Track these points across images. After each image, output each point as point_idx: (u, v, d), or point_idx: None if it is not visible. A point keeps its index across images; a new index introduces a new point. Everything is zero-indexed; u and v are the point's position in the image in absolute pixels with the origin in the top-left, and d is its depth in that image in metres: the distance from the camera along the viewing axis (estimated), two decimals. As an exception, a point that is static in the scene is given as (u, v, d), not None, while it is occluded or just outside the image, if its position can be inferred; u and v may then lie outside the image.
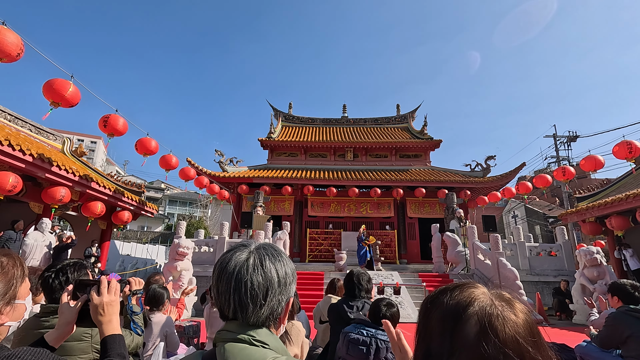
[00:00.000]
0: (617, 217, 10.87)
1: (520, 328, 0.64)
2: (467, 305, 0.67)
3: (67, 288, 1.33)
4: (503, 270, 10.48)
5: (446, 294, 0.73)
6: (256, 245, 0.91)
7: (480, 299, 0.68)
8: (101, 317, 1.20)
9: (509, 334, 0.62)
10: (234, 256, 0.87)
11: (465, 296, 0.69)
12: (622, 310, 3.12)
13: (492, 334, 0.62)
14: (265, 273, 0.85)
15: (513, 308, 0.68)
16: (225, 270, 0.85)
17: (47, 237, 8.54)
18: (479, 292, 0.71)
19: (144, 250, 23.47)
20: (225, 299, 0.83)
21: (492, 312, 0.65)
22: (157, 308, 3.01)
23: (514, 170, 18.66)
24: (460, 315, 0.66)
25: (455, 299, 0.69)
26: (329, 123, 26.48)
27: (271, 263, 0.87)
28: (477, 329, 0.63)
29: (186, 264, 9.72)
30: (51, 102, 7.08)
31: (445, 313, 0.68)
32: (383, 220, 19.64)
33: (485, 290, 0.72)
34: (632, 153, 9.36)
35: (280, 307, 0.87)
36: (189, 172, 13.37)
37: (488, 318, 0.64)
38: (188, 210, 51.13)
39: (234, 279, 0.83)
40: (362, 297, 3.06)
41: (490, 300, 0.68)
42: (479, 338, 0.62)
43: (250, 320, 0.83)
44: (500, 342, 0.61)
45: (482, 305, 0.67)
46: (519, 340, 0.62)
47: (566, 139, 23.17)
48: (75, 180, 9.34)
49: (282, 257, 0.91)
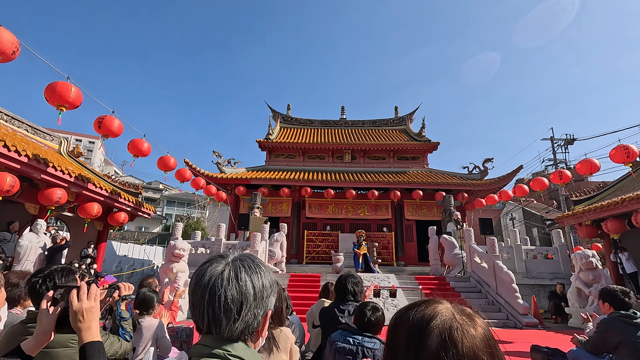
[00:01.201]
0: (613, 221, 10.88)
1: (478, 340, 0.68)
2: (430, 319, 0.71)
3: (47, 294, 1.33)
4: (499, 274, 10.48)
5: (413, 309, 0.77)
6: (233, 257, 0.89)
7: (443, 313, 0.73)
8: (80, 323, 1.18)
9: (467, 346, 0.67)
10: (209, 268, 0.85)
11: (430, 311, 0.74)
12: (613, 316, 3.13)
13: (452, 345, 0.67)
14: (240, 286, 0.83)
15: (473, 322, 0.72)
16: (200, 282, 0.83)
17: (41, 238, 8.50)
18: (443, 307, 0.75)
19: (141, 251, 23.40)
20: (200, 313, 0.82)
21: (452, 325, 0.70)
22: (147, 312, 3.00)
23: (511, 173, 18.70)
24: (424, 328, 0.71)
25: (420, 314, 0.74)
26: (327, 125, 26.50)
27: (247, 275, 0.85)
28: (439, 341, 0.68)
29: (182, 265, 9.67)
30: (57, 105, 7.09)
31: (411, 326, 0.73)
32: (380, 222, 19.64)
33: (448, 306, 0.76)
34: (630, 157, 9.39)
35: (256, 321, 0.86)
36: (185, 173, 13.37)
37: (449, 331, 0.68)
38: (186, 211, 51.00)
39: (208, 292, 0.81)
40: (352, 301, 3.05)
41: (452, 314, 0.73)
42: (439, 349, 0.67)
43: (225, 335, 0.82)
44: (459, 353, 0.66)
45: (444, 319, 0.71)
46: (476, 351, 0.67)
47: (564, 142, 23.27)
48: (71, 181, 9.31)
49: (260, 268, 0.89)
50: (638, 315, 3.11)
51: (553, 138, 22.71)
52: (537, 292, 11.85)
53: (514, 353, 6.06)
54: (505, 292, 10.18)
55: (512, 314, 9.69)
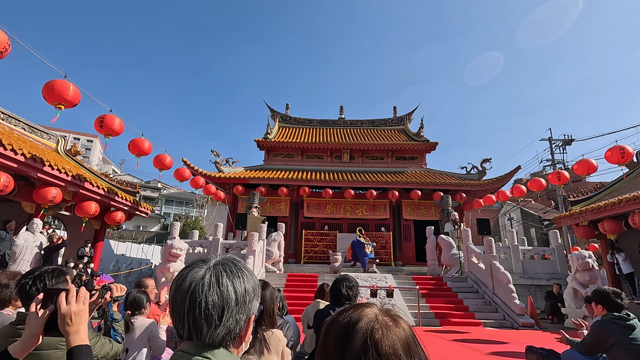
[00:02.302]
0: (609, 221, 10.91)
1: (397, 341, 0.71)
2: (356, 322, 0.75)
3: (37, 297, 1.32)
4: (496, 274, 10.50)
5: (342, 314, 0.80)
6: (215, 261, 0.88)
7: (369, 316, 0.76)
8: (68, 327, 1.17)
9: (387, 345, 0.70)
10: (190, 273, 0.84)
11: (357, 314, 0.77)
12: (606, 318, 3.14)
13: (372, 345, 0.70)
14: (222, 291, 0.82)
15: (396, 323, 0.75)
16: (180, 288, 0.82)
17: (37, 237, 8.47)
18: (369, 310, 0.78)
19: (139, 250, 23.39)
20: (180, 319, 0.81)
21: (374, 327, 0.73)
22: (139, 312, 2.99)
23: (509, 174, 18.73)
24: (349, 331, 0.74)
25: (348, 317, 0.77)
26: (325, 124, 26.50)
27: (229, 280, 0.84)
28: (361, 343, 0.71)
29: (179, 265, 9.66)
30: (55, 104, 7.04)
31: (339, 330, 0.76)
32: (379, 222, 19.65)
33: (375, 310, 0.79)
34: (625, 158, 9.42)
35: (238, 327, 0.84)
36: (184, 172, 13.33)
37: (370, 332, 0.72)
38: (184, 210, 50.98)
39: (189, 297, 0.80)
40: (346, 305, 3.05)
41: (375, 316, 0.76)
42: (360, 350, 0.70)
43: (206, 341, 0.80)
44: (379, 353, 0.69)
45: (368, 321, 0.74)
46: (395, 351, 0.70)
47: (561, 143, 23.30)
48: (68, 180, 9.27)
49: (243, 272, 0.88)
50: (631, 317, 3.12)
51: (551, 139, 22.75)
52: (534, 293, 11.88)
53: (509, 354, 6.07)
54: (502, 292, 10.20)
55: (508, 314, 9.71)
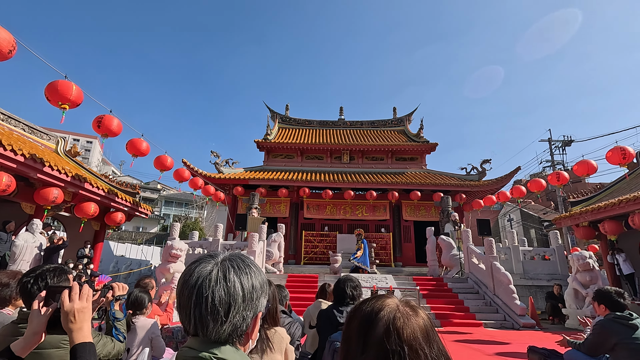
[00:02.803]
0: (610, 222, 10.91)
1: (417, 329, 0.78)
2: (378, 310, 0.81)
3: (40, 295, 1.31)
4: (497, 275, 10.49)
5: (365, 303, 0.87)
6: (223, 257, 0.87)
7: (390, 305, 0.83)
8: (72, 324, 1.16)
9: (407, 333, 0.76)
10: (197, 268, 0.83)
11: (379, 304, 0.84)
12: (609, 318, 3.13)
13: (394, 332, 0.76)
14: (229, 287, 0.81)
15: (415, 313, 0.82)
16: (188, 283, 0.81)
17: (37, 238, 8.45)
18: (391, 301, 0.85)
19: (138, 251, 23.35)
20: (186, 314, 0.80)
21: (396, 315, 0.79)
22: (140, 312, 2.98)
23: (509, 174, 18.74)
24: (372, 318, 0.81)
25: (371, 306, 0.84)
26: (325, 125, 26.50)
27: (236, 276, 0.83)
28: (384, 329, 0.77)
29: (179, 266, 9.64)
30: (59, 104, 7.03)
31: (362, 318, 0.83)
32: (379, 222, 19.65)
33: (396, 300, 0.85)
34: (626, 159, 9.42)
35: (245, 323, 0.84)
36: (183, 173, 13.32)
37: (392, 320, 0.78)
38: (184, 211, 50.92)
39: (195, 293, 0.80)
40: (352, 304, 3.04)
41: (397, 306, 0.82)
42: (383, 336, 0.76)
43: (212, 337, 0.80)
44: (400, 339, 0.75)
45: (390, 310, 0.81)
46: (415, 338, 0.76)
47: (561, 144, 23.33)
48: (67, 180, 9.26)
49: (251, 269, 0.87)
50: (634, 317, 3.11)
51: (551, 139, 22.77)
52: (535, 293, 11.86)
53: (511, 354, 6.06)
54: (503, 293, 10.19)
55: (509, 315, 9.70)
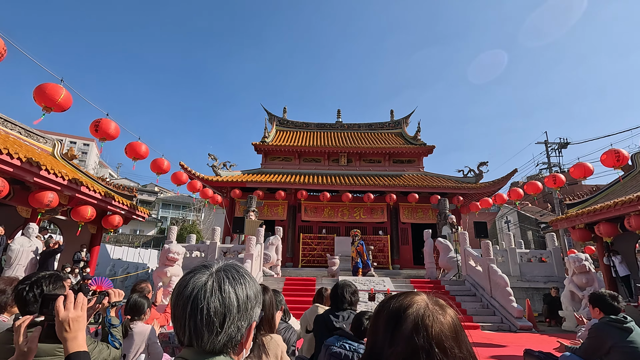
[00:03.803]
0: (605, 224, 10.98)
1: (445, 327, 0.79)
2: (407, 307, 0.82)
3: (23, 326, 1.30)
4: (494, 277, 10.52)
5: (393, 299, 0.88)
6: (217, 267, 0.88)
7: (419, 303, 0.83)
8: (66, 333, 1.15)
9: (436, 330, 0.77)
10: (192, 279, 0.83)
11: (407, 301, 0.85)
12: (604, 321, 3.15)
13: (423, 329, 0.77)
14: (224, 298, 0.81)
15: (444, 311, 0.82)
16: (182, 294, 0.82)
17: (33, 242, 8.39)
18: (419, 298, 0.86)
19: (135, 254, 23.23)
20: (181, 325, 0.81)
21: (425, 313, 0.80)
22: (139, 317, 2.96)
23: (506, 177, 18.82)
24: (400, 315, 0.82)
25: (399, 303, 0.85)
26: (323, 128, 26.54)
27: (231, 287, 0.83)
28: (412, 325, 0.78)
29: (176, 269, 9.61)
30: (43, 107, 6.98)
31: (390, 313, 0.84)
32: (376, 225, 19.67)
33: (425, 297, 0.86)
34: (620, 161, 9.49)
35: (239, 334, 0.84)
36: (181, 176, 13.30)
37: (421, 318, 0.79)
38: (181, 213, 50.73)
39: (190, 304, 0.80)
40: (349, 309, 3.05)
41: (426, 304, 0.83)
42: (412, 332, 0.77)
43: (207, 348, 0.80)
44: (429, 336, 0.76)
45: (419, 307, 0.82)
46: (443, 336, 0.77)
47: (557, 146, 23.45)
48: (64, 184, 9.23)
49: (245, 279, 0.88)
50: (628, 320, 3.13)
51: (547, 142, 22.91)
52: (531, 296, 11.90)
53: (508, 357, 6.08)
54: (500, 295, 10.21)
55: (506, 318, 9.72)
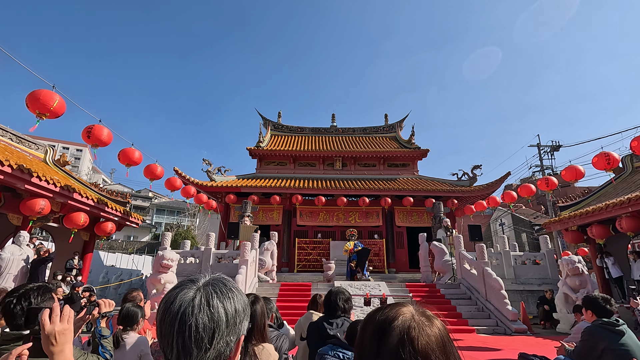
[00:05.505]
0: (597, 226, 11.09)
1: (432, 339, 0.75)
2: (392, 319, 0.79)
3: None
4: (488, 280, 10.56)
5: (379, 311, 0.84)
6: (205, 281, 0.86)
7: (405, 314, 0.80)
8: (52, 346, 1.12)
9: (422, 344, 0.74)
10: (179, 295, 0.82)
11: (393, 313, 0.81)
12: (596, 324, 3.17)
13: (409, 343, 0.74)
14: (212, 313, 0.80)
15: (431, 323, 0.79)
16: (169, 310, 0.80)
17: (24, 250, 8.27)
18: (406, 309, 0.82)
19: (129, 261, 22.97)
20: (168, 343, 0.79)
21: (411, 325, 0.77)
22: (131, 327, 2.92)
23: (499, 180, 18.98)
24: (385, 328, 0.78)
25: (384, 315, 0.82)
26: (318, 132, 26.60)
27: (219, 301, 0.82)
28: (398, 339, 0.75)
29: (170, 276, 9.51)
30: (37, 113, 6.92)
31: (376, 326, 0.81)
32: (372, 229, 19.68)
33: (412, 309, 0.83)
34: (611, 164, 9.61)
35: (228, 348, 0.83)
36: (175, 181, 13.21)
37: (407, 330, 0.76)
38: (176, 219, 50.35)
39: (178, 320, 0.78)
40: (343, 317, 3.04)
41: (412, 315, 0.80)
42: (398, 346, 0.74)
43: None
44: (415, 350, 0.73)
45: (404, 319, 0.79)
46: (429, 349, 0.74)
47: (550, 149, 23.70)
48: (56, 191, 9.12)
49: (233, 292, 0.87)
50: (620, 322, 3.15)
51: (539, 145, 23.15)
52: (526, 298, 11.95)
53: (503, 360, 6.08)
54: (495, 298, 10.25)
55: (501, 320, 9.75)
